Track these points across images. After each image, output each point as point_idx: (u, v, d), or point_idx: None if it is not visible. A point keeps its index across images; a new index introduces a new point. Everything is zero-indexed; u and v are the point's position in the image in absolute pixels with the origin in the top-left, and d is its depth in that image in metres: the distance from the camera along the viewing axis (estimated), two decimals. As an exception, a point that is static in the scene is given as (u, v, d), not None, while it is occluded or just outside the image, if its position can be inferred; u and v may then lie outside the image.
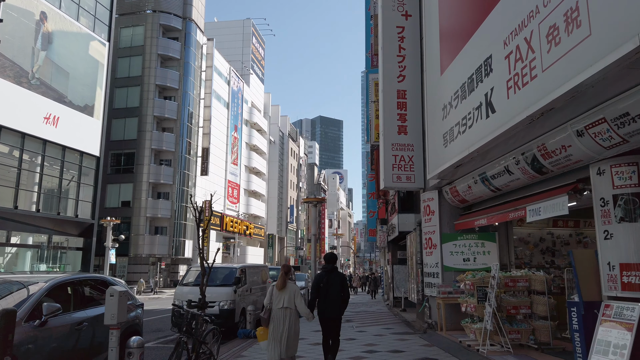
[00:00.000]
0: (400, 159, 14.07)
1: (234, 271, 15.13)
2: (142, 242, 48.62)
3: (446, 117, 10.79)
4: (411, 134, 14.24)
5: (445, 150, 10.84)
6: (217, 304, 13.86)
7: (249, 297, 15.56)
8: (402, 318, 18.30)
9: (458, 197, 12.55)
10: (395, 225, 19.60)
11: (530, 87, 6.95)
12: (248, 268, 16.18)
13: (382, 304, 27.33)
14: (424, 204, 14.16)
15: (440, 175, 11.92)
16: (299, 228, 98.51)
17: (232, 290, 14.26)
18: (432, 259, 13.60)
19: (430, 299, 13.73)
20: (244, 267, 15.85)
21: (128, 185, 49.88)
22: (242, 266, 15.82)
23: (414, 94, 14.41)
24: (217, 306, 13.83)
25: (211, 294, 13.91)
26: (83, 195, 38.51)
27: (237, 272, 14.95)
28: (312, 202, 21.99)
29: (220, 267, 16.18)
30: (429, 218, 13.81)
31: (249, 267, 16.35)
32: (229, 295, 14.11)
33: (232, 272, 15.09)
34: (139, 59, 52.23)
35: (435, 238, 13.49)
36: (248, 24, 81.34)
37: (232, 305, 14.07)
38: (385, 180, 13.96)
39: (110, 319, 6.48)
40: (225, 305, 13.94)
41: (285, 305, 7.82)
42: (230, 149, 64.37)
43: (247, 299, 15.38)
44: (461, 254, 13.10)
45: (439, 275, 13.21)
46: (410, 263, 17.03)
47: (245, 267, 16.06)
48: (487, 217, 10.88)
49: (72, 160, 37.08)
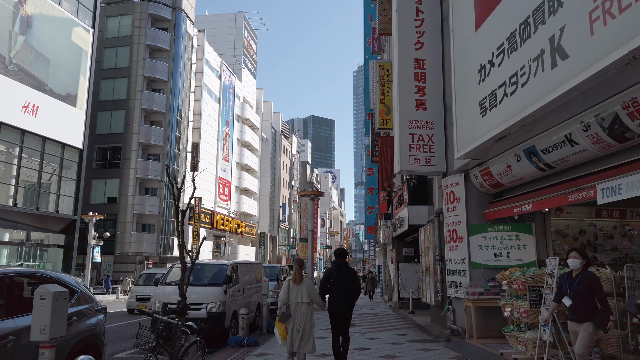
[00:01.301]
0: (419, 138, 12.12)
1: (224, 268, 13.14)
2: (128, 240, 46.60)
3: (485, 79, 8.82)
4: (431, 109, 12.30)
5: (483, 120, 8.88)
6: (204, 306, 11.96)
7: (241, 298, 13.67)
8: (413, 322, 16.37)
9: (490, 181, 10.61)
10: (404, 218, 17.66)
11: (635, 11, 5.03)
12: (240, 265, 14.26)
13: (383, 305, 25.40)
14: (446, 190, 12.18)
15: (471, 154, 9.96)
16: (291, 227, 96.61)
17: (221, 290, 12.31)
18: (456, 254, 11.66)
19: (454, 301, 11.76)
20: (236, 264, 13.89)
21: (114, 181, 47.80)
22: (234, 263, 13.84)
23: (433, 63, 12.49)
24: (204, 309, 11.92)
25: (197, 294, 11.94)
26: (65, 190, 36.37)
27: (227, 270, 13.00)
28: (309, 195, 19.95)
29: (208, 264, 14.25)
30: (452, 207, 11.86)
31: (241, 265, 14.41)
32: (219, 296, 12.16)
33: (222, 270, 13.10)
34: (126, 50, 50.13)
35: (461, 230, 11.55)
36: (240, 18, 79.34)
37: (222, 308, 12.11)
38: (401, 163, 12.00)
39: (40, 334, 4.32)
40: (214, 307, 11.97)
41: (304, 300, 7.87)
42: (222, 144, 62.32)
43: (239, 300, 13.50)
44: (492, 248, 11.16)
45: (466, 273, 11.27)
46: (424, 260, 15.08)
47: (237, 264, 14.10)
48: (535, 202, 8.89)
49: (53, 152, 34.90)
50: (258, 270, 16.24)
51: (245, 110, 72.37)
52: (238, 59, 75.53)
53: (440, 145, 12.22)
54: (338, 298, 8.35)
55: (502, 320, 10.51)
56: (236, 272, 13.56)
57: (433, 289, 13.35)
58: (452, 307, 11.75)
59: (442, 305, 13.04)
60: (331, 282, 8.44)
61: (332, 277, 8.47)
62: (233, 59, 73.41)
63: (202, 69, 55.83)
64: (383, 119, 20.86)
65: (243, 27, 78.90)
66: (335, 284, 8.40)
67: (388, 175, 20.67)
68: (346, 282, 8.38)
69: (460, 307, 11.37)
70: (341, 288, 8.36)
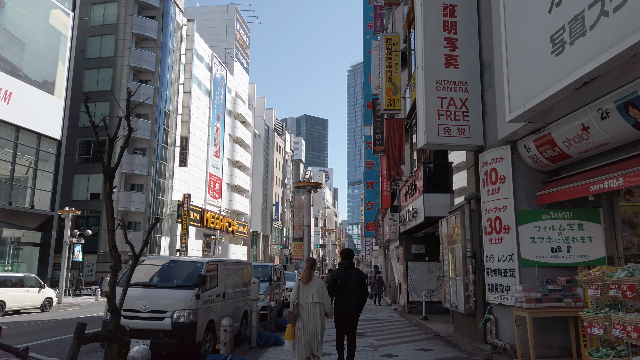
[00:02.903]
0: (449, 102, 9.69)
1: (199, 267, 10.56)
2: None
3: (561, 1, 6.34)
4: (464, 67, 9.89)
5: (557, 61, 6.39)
6: (168, 314, 9.43)
7: (221, 305, 11.12)
8: (430, 331, 13.90)
9: (550, 152, 8.14)
10: (417, 209, 15.23)
11: None
12: (222, 264, 11.66)
13: (388, 309, 22.93)
14: (485, 167, 9.71)
15: (530, 115, 7.37)
16: (284, 226, 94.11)
17: (192, 294, 9.74)
18: (501, 248, 9.20)
19: (497, 309, 9.28)
20: (215, 263, 11.30)
21: (98, 176, 45.00)
22: (212, 261, 11.24)
23: (466, 10, 10.08)
24: (168, 318, 9.39)
25: (161, 299, 9.44)
26: (42, 184, 33.77)
27: (202, 269, 10.45)
28: (306, 186, 17.34)
29: (179, 261, 11.64)
30: (494, 188, 9.39)
31: (223, 263, 11.81)
32: (187, 302, 9.61)
33: (197, 269, 10.52)
34: (111, 38, 47.63)
35: (507, 217, 9.09)
36: (232, 10, 76.67)
37: (191, 317, 9.56)
38: (427, 134, 9.55)
39: None
40: (181, 317, 9.43)
41: (315, 300, 7.62)
42: (213, 140, 59.81)
43: (219, 307, 10.97)
44: (548, 241, 8.71)
45: (515, 272, 8.81)
46: (447, 257, 12.60)
47: (218, 262, 11.49)
48: (630, 175, 6.37)
49: (28, 143, 32.30)
50: (246, 270, 13.59)
51: (237, 105, 69.93)
52: (230, 52, 72.92)
53: (476, 112, 9.80)
54: (345, 300, 8.22)
55: (563, 335, 8.13)
56: (215, 273, 11.08)
57: (463, 293, 10.88)
58: (493, 317, 9.26)
59: (474, 313, 10.60)
60: (338, 283, 8.28)
61: (339, 279, 8.31)
62: (225, 52, 70.85)
63: (191, 60, 53.25)
64: (390, 99, 18.51)
65: (235, 19, 76.29)
66: (342, 286, 8.25)
67: (396, 162, 18.23)
68: (353, 283, 8.27)
69: (506, 317, 8.91)
70: (348, 290, 8.24)
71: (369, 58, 32.65)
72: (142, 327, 9.15)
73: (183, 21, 53.39)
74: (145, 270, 10.64)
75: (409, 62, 19.39)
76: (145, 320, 9.28)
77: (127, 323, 9.07)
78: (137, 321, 9.17)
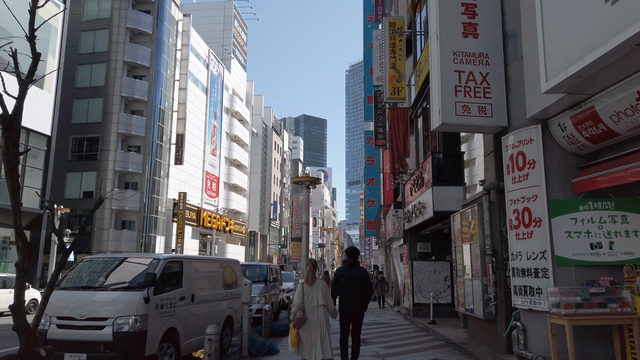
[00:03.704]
0: (468, 77, 8.48)
1: (154, 264, 8.69)
2: (106, 238, 42.88)
3: None
4: (485, 37, 8.69)
5: (614, 10, 5.13)
6: (109, 322, 7.80)
7: (188, 310, 9.33)
8: (441, 336, 12.67)
9: (592, 130, 6.90)
10: (425, 204, 14.02)
11: None
12: (189, 261, 9.87)
13: (391, 312, 21.71)
14: (510, 152, 8.41)
15: (571, 82, 6.03)
16: (282, 226, 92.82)
17: (139, 297, 8.00)
18: (530, 244, 7.91)
19: (525, 315, 7.98)
20: (179, 259, 9.54)
21: (91, 174, 43.98)
22: (174, 257, 9.42)
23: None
24: (109, 327, 7.77)
25: (101, 304, 8.02)
26: (31, 181, 32.51)
27: (158, 267, 8.60)
28: (304, 182, 16.11)
29: (132, 257, 9.36)
30: (522, 175, 8.10)
31: (191, 260, 10.06)
32: (133, 307, 7.89)
33: (152, 266, 8.64)
34: (105, 33, 46.41)
35: (538, 208, 7.81)
36: (230, 6, 75.40)
37: (138, 325, 7.83)
38: (443, 113, 8.33)
39: None
40: (124, 325, 7.75)
41: (320, 303, 7.36)
42: (210, 138, 58.65)
43: (185, 313, 9.18)
44: (586, 236, 7.48)
45: (549, 272, 7.56)
46: (460, 256, 11.38)
47: (183, 259, 9.72)
48: None
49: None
50: (229, 270, 11.78)
51: (234, 103, 68.80)
52: (227, 49, 71.68)
53: (499, 88, 8.59)
54: (349, 299, 8.17)
55: (606, 346, 6.95)
56: (178, 271, 9.27)
57: (481, 295, 9.66)
58: (521, 324, 8.01)
59: (494, 318, 9.38)
60: (341, 282, 8.26)
61: (343, 277, 8.27)
62: (222, 49, 69.63)
63: (187, 56, 52.11)
64: (394, 87, 17.39)
65: (232, 15, 75.04)
66: (345, 284, 8.21)
67: (400, 154, 17.09)
68: (357, 282, 8.19)
69: (537, 325, 7.66)
70: (352, 288, 8.17)
71: (370, 51, 31.59)
72: (78, 338, 7.74)
73: (179, 16, 52.25)
74: (89, 270, 9.01)
75: (413, 48, 18.21)
76: (82, 330, 7.79)
77: (61, 334, 7.75)
78: (73, 331, 7.79)
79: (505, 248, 9.03)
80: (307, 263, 7.82)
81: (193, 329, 9.41)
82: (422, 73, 14.75)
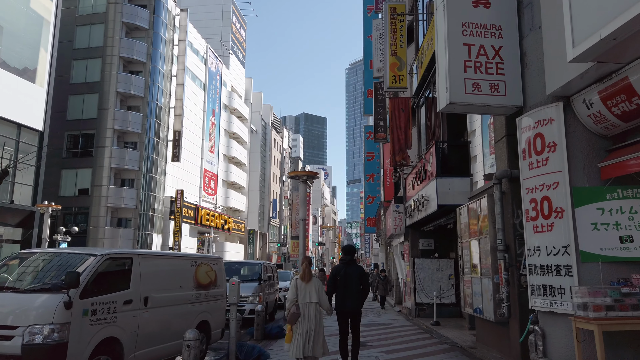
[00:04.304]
0: (479, 51, 7.65)
1: (84, 261, 7.23)
2: (102, 236, 42.07)
3: None
4: (497, 6, 7.86)
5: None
6: (19, 332, 6.35)
7: (138, 316, 7.78)
8: (446, 339, 11.85)
9: (625, 105, 5.98)
10: (429, 197, 13.19)
11: None
12: (143, 257, 8.29)
13: (391, 312, 20.87)
14: (526, 134, 7.52)
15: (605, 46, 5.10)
16: (282, 224, 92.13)
17: (58, 301, 6.49)
18: (549, 238, 7.04)
19: (545, 318, 7.10)
20: (128, 255, 8.05)
21: (86, 171, 43.23)
22: (118, 253, 7.91)
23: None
24: (18, 337, 6.31)
25: (8, 309, 6.62)
26: (23, 178, 31.65)
27: (90, 264, 7.14)
28: (301, 176, 15.32)
29: (62, 253, 7.89)
30: (542, 159, 7.21)
31: (146, 256, 8.43)
32: (49, 313, 6.42)
33: (80, 263, 7.18)
34: (100, 28, 45.62)
35: (559, 197, 6.94)
36: (228, 1, 74.50)
37: (56, 336, 6.35)
38: (451, 90, 7.49)
39: None
40: (37, 335, 6.31)
41: (314, 300, 7.34)
42: (208, 135, 57.83)
43: (133, 320, 7.66)
44: (615, 228, 6.64)
45: (572, 270, 6.70)
46: (467, 252, 10.55)
47: (133, 254, 8.12)
48: None
49: (7, 133, 30.16)
50: (205, 267, 9.99)
51: (233, 100, 68.02)
52: (225, 45, 70.82)
53: (513, 63, 7.76)
54: (346, 296, 8.12)
55: (638, 354, 6.10)
56: (125, 269, 7.82)
57: (492, 295, 8.83)
58: (539, 329, 7.14)
59: (506, 321, 8.55)
60: (338, 279, 8.21)
61: (339, 275, 8.22)
62: (220, 45, 68.79)
63: (184, 51, 51.26)
64: (395, 75, 16.55)
65: (231, 11, 74.16)
66: (342, 282, 8.16)
67: (401, 146, 16.28)
68: (354, 279, 8.16)
69: (558, 330, 6.81)
70: (348, 286, 8.13)
71: (370, 43, 30.79)
72: None
73: (176, 11, 51.43)
74: (10, 270, 7.58)
75: (415, 35, 17.40)
76: None
77: None
78: None
79: (519, 243, 8.21)
80: (302, 260, 7.86)
81: (147, 337, 7.98)
82: (424, 59, 13.93)
